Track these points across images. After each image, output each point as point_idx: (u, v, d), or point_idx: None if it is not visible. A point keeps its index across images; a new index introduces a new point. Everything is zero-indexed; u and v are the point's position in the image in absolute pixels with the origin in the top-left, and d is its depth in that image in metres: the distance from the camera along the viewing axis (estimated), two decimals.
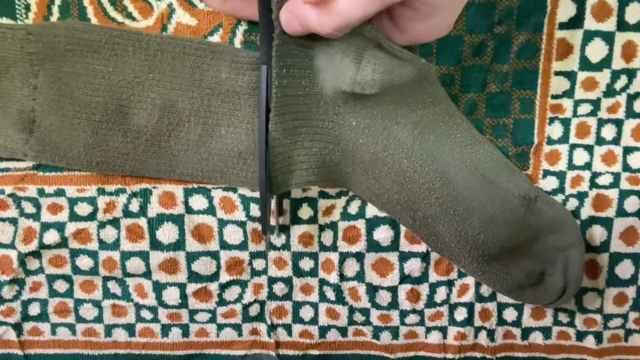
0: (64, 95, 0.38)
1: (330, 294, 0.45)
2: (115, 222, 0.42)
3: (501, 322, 0.46)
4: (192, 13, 0.38)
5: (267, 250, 0.43)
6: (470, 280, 0.44)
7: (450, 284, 0.45)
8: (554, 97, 0.41)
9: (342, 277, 0.44)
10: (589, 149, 0.42)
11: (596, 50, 0.40)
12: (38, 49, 0.37)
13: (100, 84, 0.38)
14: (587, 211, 0.42)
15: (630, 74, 0.40)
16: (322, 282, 0.44)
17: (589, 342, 0.47)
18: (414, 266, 0.44)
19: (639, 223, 0.43)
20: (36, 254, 0.42)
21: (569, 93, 0.41)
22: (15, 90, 0.38)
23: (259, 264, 0.44)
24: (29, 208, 0.41)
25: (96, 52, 0.37)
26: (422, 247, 0.43)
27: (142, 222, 0.42)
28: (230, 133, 0.39)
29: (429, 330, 0.46)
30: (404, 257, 0.44)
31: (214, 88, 0.38)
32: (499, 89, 0.40)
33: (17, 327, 0.45)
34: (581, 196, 0.42)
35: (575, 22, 0.39)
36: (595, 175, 0.42)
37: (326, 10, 0.29)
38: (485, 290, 0.45)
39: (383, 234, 0.43)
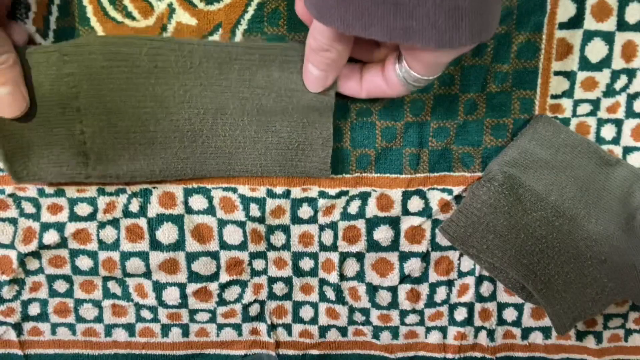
0: (112, 112, 0.37)
1: (330, 293, 0.45)
2: (115, 223, 0.42)
3: (501, 322, 0.46)
4: (192, 13, 0.38)
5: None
6: (470, 280, 0.44)
7: (450, 284, 0.45)
8: (554, 97, 0.41)
9: (342, 277, 0.44)
10: None
11: (596, 50, 0.40)
12: (74, 69, 0.35)
13: (146, 96, 0.37)
14: None
15: (630, 74, 0.40)
16: (322, 282, 0.44)
17: (589, 342, 0.47)
18: (414, 266, 0.44)
19: None
20: (36, 254, 0.42)
21: (568, 93, 0.41)
22: (57, 116, 0.36)
23: (258, 264, 0.44)
24: (29, 208, 0.41)
25: (135, 67, 0.36)
26: (422, 247, 0.43)
27: (142, 222, 0.42)
28: (286, 127, 0.39)
29: (429, 330, 0.46)
30: (404, 257, 0.44)
31: (265, 87, 0.37)
32: (499, 89, 0.40)
33: (17, 327, 0.45)
34: None
35: (575, 22, 0.39)
36: None
37: None
38: (485, 290, 0.45)
39: (383, 234, 0.43)
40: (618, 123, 0.42)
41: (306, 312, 0.45)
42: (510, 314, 0.46)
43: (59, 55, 0.35)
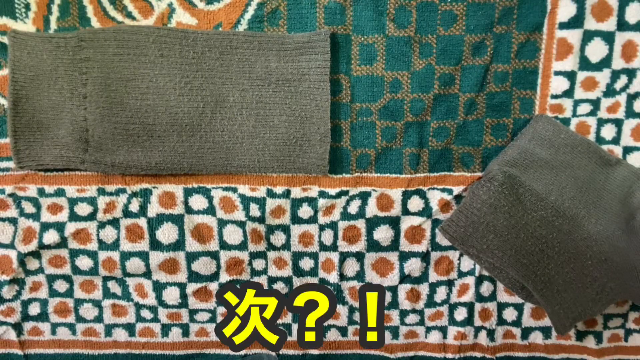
0: (114, 103, 0.38)
1: None
2: (115, 222, 0.42)
3: (501, 322, 0.46)
4: (192, 12, 0.38)
5: None
6: (470, 280, 0.44)
7: (450, 283, 0.45)
8: (554, 97, 0.41)
9: (342, 277, 0.44)
10: None
11: (596, 50, 0.40)
12: (89, 55, 0.37)
13: (149, 88, 0.38)
14: None
15: (630, 74, 0.40)
16: (322, 282, 0.44)
17: (589, 342, 0.47)
18: (414, 266, 0.44)
19: None
20: (36, 254, 0.42)
21: (568, 93, 0.41)
22: (65, 100, 0.38)
23: (258, 263, 0.44)
24: (29, 208, 0.41)
25: (143, 55, 0.37)
26: (422, 247, 0.43)
27: (142, 222, 0.42)
28: (284, 122, 0.39)
29: (429, 330, 0.46)
30: (404, 256, 0.44)
31: (264, 78, 0.39)
32: (499, 89, 0.40)
33: (17, 327, 0.45)
34: None
35: (576, 22, 0.39)
36: None
37: None
38: (485, 290, 0.45)
39: (383, 234, 0.43)
40: (618, 123, 0.42)
41: None
42: (510, 314, 0.46)
43: (77, 41, 0.37)
